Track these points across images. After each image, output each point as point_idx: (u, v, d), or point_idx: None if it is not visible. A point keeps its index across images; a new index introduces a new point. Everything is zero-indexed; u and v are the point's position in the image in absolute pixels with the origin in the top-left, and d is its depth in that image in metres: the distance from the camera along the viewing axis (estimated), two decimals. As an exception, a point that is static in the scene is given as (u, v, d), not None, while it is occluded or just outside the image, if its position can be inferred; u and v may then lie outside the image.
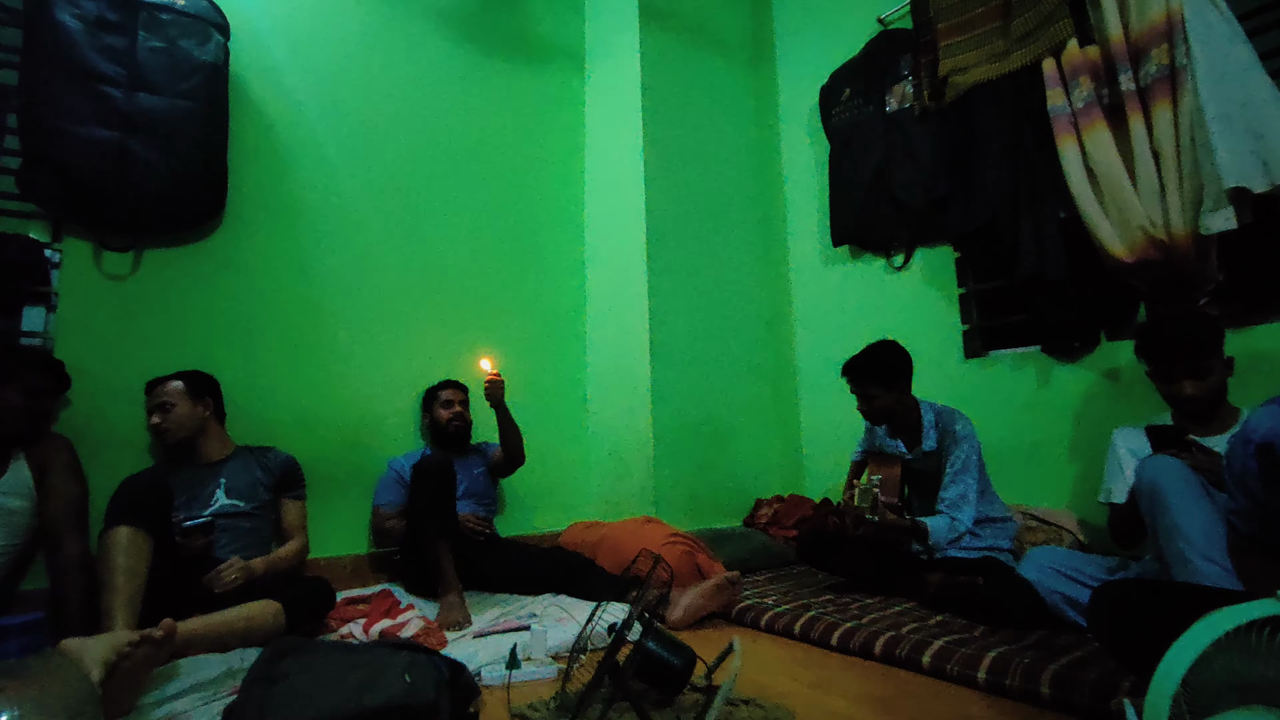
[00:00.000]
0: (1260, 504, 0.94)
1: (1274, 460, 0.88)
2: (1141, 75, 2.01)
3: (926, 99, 2.66)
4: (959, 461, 1.91)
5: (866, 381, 2.00)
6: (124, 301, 2.05)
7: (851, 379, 2.03)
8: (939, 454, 1.97)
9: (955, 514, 1.87)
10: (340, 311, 2.45)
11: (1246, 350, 1.72)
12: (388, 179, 2.62)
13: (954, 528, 1.86)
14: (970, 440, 1.93)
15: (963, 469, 1.91)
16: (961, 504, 1.88)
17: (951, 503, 1.89)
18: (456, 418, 2.40)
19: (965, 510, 1.87)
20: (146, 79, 2.02)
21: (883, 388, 1.98)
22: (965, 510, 1.87)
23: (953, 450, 1.93)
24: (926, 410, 2.02)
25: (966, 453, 1.91)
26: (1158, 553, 1.39)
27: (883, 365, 1.99)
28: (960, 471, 1.91)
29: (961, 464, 1.91)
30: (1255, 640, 0.72)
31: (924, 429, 1.99)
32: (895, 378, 1.99)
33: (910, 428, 2.04)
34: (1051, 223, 2.22)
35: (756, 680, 1.37)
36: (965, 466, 1.91)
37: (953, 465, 1.92)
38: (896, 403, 2.00)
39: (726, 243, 3.12)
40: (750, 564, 2.41)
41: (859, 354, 2.04)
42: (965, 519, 1.86)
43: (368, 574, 2.34)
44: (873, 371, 1.99)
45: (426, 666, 1.17)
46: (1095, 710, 1.13)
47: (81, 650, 1.13)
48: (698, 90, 3.14)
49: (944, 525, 1.86)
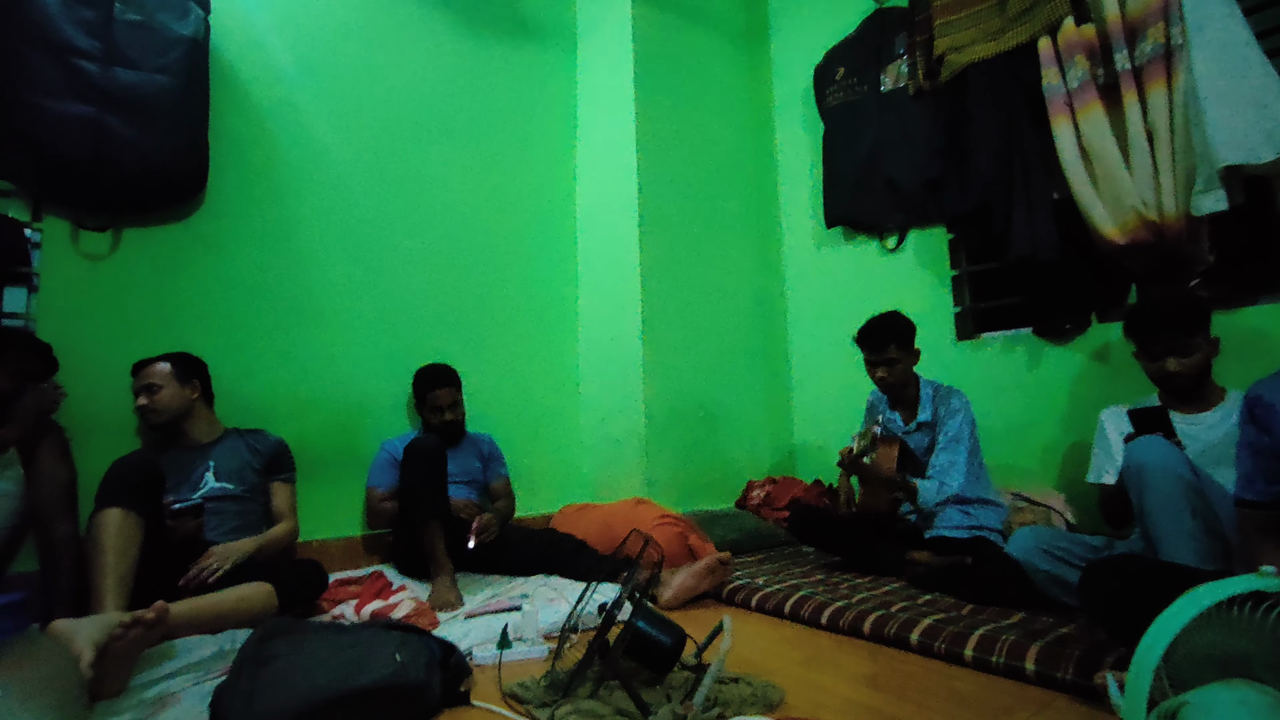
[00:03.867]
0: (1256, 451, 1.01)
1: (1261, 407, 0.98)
2: (1137, 54, 1.99)
3: (921, 78, 2.64)
4: (952, 431, 1.98)
5: (890, 344, 2.01)
6: (106, 282, 2.01)
7: (872, 345, 2.04)
8: (933, 425, 2.03)
9: (944, 479, 1.94)
10: (329, 291, 2.42)
11: (1236, 331, 1.73)
12: (376, 157, 2.58)
13: (942, 490, 1.92)
14: (965, 414, 1.99)
15: (954, 439, 1.97)
16: (950, 470, 1.94)
17: (941, 468, 1.96)
18: (449, 425, 2.34)
19: (954, 475, 1.93)
20: (123, 53, 1.96)
21: (904, 350, 2.02)
22: (954, 475, 1.93)
23: (947, 421, 1.99)
24: (925, 385, 2.08)
25: (960, 424, 1.98)
26: (1144, 532, 1.41)
27: (902, 327, 2.03)
28: (952, 440, 1.97)
29: (954, 435, 1.97)
30: (1237, 615, 0.73)
31: (921, 400, 2.05)
32: (910, 341, 2.04)
33: (910, 400, 2.09)
34: (1045, 204, 2.22)
35: (747, 659, 1.38)
36: (957, 438, 1.97)
37: (945, 434, 1.99)
38: (909, 368, 2.05)
39: (719, 223, 3.10)
40: (741, 545, 2.43)
41: (873, 320, 2.06)
42: (953, 484, 1.92)
43: (360, 556, 2.35)
44: (893, 335, 2.02)
45: (418, 646, 1.18)
46: (1079, 685, 1.15)
47: (73, 631, 1.12)
48: (691, 68, 3.10)
49: (933, 487, 1.93)
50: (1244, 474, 1.08)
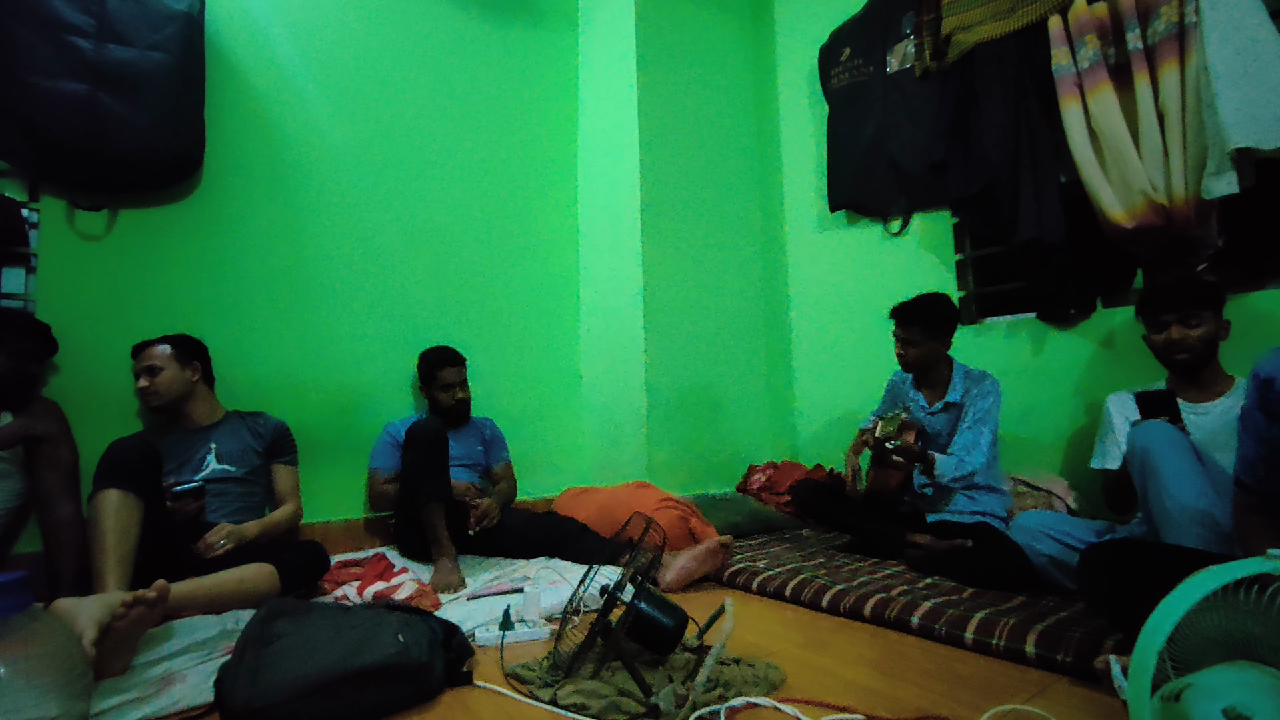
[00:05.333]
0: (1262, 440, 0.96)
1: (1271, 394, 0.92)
2: (1150, 33, 1.95)
3: (928, 58, 2.59)
4: (979, 413, 1.97)
5: (913, 325, 2.02)
6: (104, 263, 2.00)
7: (899, 320, 2.05)
8: (960, 405, 2.02)
9: (964, 455, 1.93)
10: (330, 273, 2.40)
11: (1244, 316, 1.71)
12: (376, 138, 2.55)
13: (960, 466, 1.92)
14: (995, 398, 1.99)
15: (980, 420, 1.96)
16: (972, 449, 1.94)
17: (963, 446, 1.95)
18: (459, 404, 2.36)
19: (975, 455, 1.93)
20: (116, 29, 1.93)
21: (926, 334, 2.01)
22: (975, 455, 1.93)
23: (977, 402, 1.99)
24: (959, 368, 2.07)
25: (988, 407, 1.97)
26: (1146, 516, 1.40)
27: (932, 313, 2.01)
28: (978, 421, 1.97)
29: (981, 416, 1.97)
30: (1244, 597, 0.73)
31: (952, 380, 2.04)
32: (940, 328, 2.02)
33: (937, 382, 2.08)
34: (1051, 187, 2.19)
35: (748, 641, 1.39)
36: (983, 418, 1.96)
37: (972, 415, 1.98)
38: (931, 353, 2.03)
39: (722, 206, 3.08)
40: (742, 529, 2.44)
41: (915, 298, 2.06)
42: (972, 463, 1.92)
43: (362, 538, 2.36)
44: (921, 317, 2.01)
45: (420, 627, 1.18)
46: (1080, 668, 1.15)
47: (75, 610, 1.13)
48: (694, 50, 3.05)
49: (952, 463, 1.93)
50: (1245, 457, 1.05)
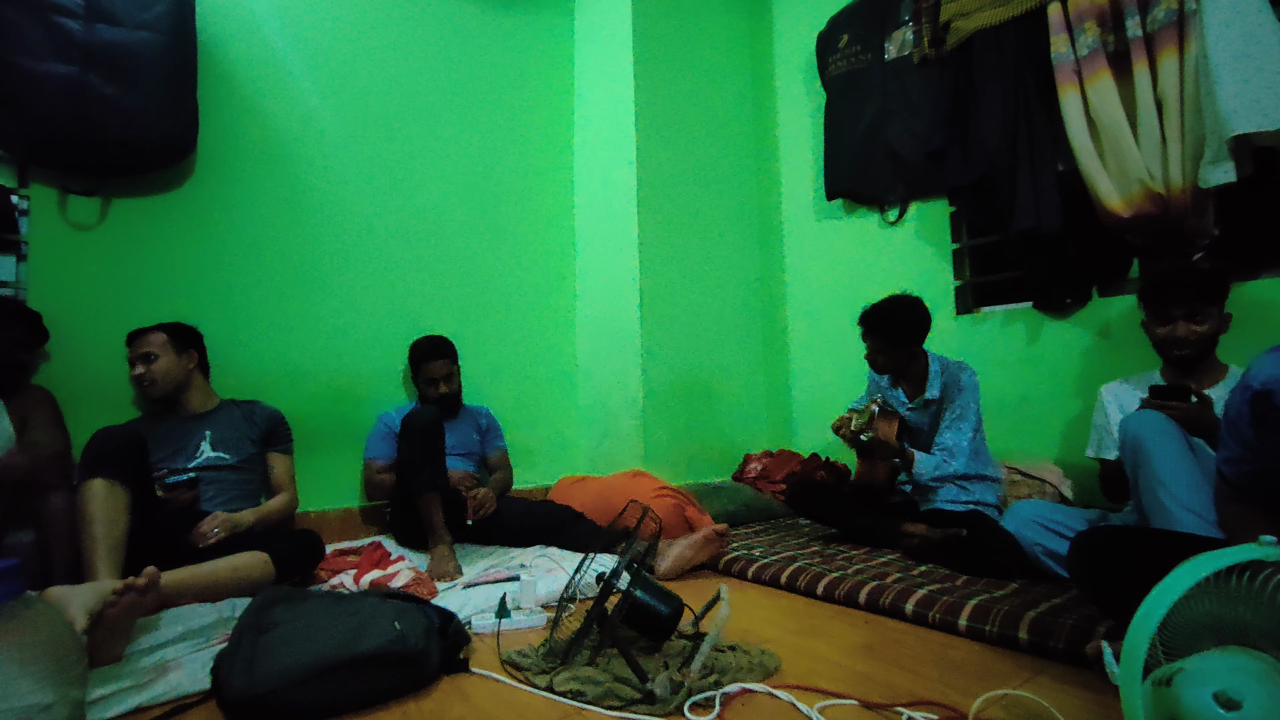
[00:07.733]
0: (1251, 449, 0.94)
1: (1267, 407, 0.88)
2: (1150, 20, 1.94)
3: (926, 46, 2.58)
4: (959, 409, 1.97)
5: (875, 336, 2.01)
6: (96, 250, 1.98)
7: (864, 329, 2.04)
8: (940, 402, 2.01)
9: (946, 457, 1.94)
10: (325, 260, 2.38)
11: (1240, 305, 1.72)
12: (370, 123, 2.52)
13: (942, 467, 1.92)
14: (973, 392, 1.98)
15: (960, 417, 1.96)
16: (954, 450, 1.94)
17: (945, 446, 1.95)
18: (444, 397, 2.32)
19: (956, 456, 1.93)
20: (105, 9, 1.89)
21: (891, 346, 2.00)
22: (956, 456, 1.93)
23: (956, 398, 1.98)
24: (934, 361, 2.04)
25: (967, 402, 1.97)
26: (1138, 504, 1.41)
27: (896, 326, 1.98)
28: (958, 419, 1.96)
29: (960, 412, 1.96)
30: (1235, 584, 0.73)
31: (929, 377, 2.02)
32: (907, 340, 1.99)
33: (915, 378, 2.06)
34: (1049, 175, 2.18)
35: (743, 628, 1.39)
36: (964, 415, 1.96)
37: (952, 413, 1.98)
38: (899, 359, 2.02)
39: (719, 195, 3.06)
40: (738, 517, 2.45)
41: (879, 304, 2.02)
42: (954, 465, 1.92)
43: (358, 527, 2.35)
44: (884, 330, 1.99)
45: (416, 615, 1.18)
46: (1072, 654, 1.16)
47: (66, 598, 1.13)
48: (691, 36, 3.02)
49: (933, 463, 1.93)
50: (1231, 458, 0.99)
